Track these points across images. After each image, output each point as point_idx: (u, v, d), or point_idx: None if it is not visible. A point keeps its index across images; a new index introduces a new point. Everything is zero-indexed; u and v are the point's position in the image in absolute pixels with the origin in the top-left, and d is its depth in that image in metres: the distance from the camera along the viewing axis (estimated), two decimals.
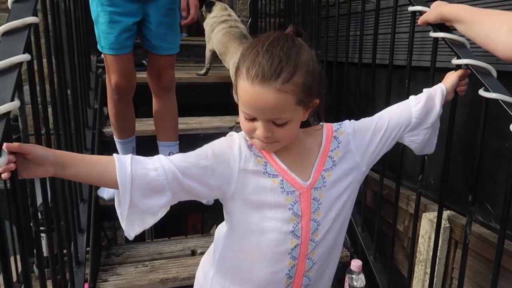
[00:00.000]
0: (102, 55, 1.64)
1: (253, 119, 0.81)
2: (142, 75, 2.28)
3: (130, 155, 0.82)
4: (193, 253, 1.62)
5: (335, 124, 0.96)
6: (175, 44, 1.66)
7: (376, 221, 1.53)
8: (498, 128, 1.02)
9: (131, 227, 0.84)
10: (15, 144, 0.71)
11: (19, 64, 0.77)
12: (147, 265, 1.52)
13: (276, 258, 0.90)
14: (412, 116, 0.98)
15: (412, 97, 1.02)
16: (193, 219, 3.31)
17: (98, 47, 1.58)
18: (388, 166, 1.52)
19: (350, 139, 0.93)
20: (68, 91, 1.54)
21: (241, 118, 0.84)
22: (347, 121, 0.97)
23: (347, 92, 1.85)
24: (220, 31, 2.44)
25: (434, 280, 1.27)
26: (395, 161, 1.37)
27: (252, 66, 0.77)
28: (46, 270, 1.18)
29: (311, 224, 0.90)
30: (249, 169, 0.86)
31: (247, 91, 0.78)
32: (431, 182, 1.55)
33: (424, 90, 1.03)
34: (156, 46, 1.62)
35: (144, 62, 2.55)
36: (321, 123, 0.95)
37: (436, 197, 1.44)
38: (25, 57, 0.78)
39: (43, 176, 0.77)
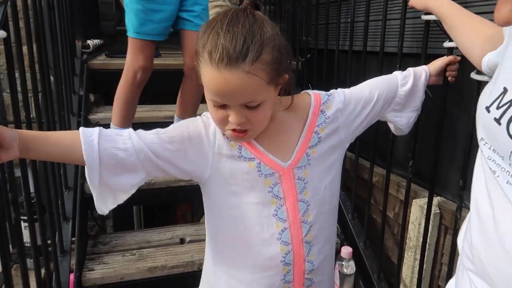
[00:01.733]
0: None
1: (223, 106, 0.75)
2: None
3: (97, 128, 0.77)
4: (182, 241, 1.60)
5: (323, 94, 0.90)
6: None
7: (366, 208, 1.53)
8: None
9: (103, 204, 0.81)
10: None
11: None
12: (135, 254, 1.50)
13: (264, 244, 0.86)
14: (396, 96, 0.96)
15: (398, 75, 0.98)
16: (182, 208, 3.29)
17: (130, 34, 1.61)
18: (379, 153, 1.52)
19: (339, 115, 0.89)
20: (52, 77, 1.50)
21: (210, 107, 0.78)
22: (335, 92, 0.91)
23: (337, 79, 1.83)
24: (210, 15, 2.40)
25: (424, 266, 1.27)
26: (385, 148, 1.36)
27: (215, 50, 0.71)
28: (29, 260, 1.15)
29: (299, 205, 0.86)
30: (223, 153, 0.83)
31: (213, 77, 0.72)
32: (420, 169, 1.55)
33: (410, 69, 1.01)
34: (194, 23, 1.64)
35: None
36: (309, 92, 0.90)
37: (427, 184, 1.44)
38: (1, 33, 0.74)
39: (10, 159, 0.71)
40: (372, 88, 0.94)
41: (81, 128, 0.77)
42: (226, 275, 0.92)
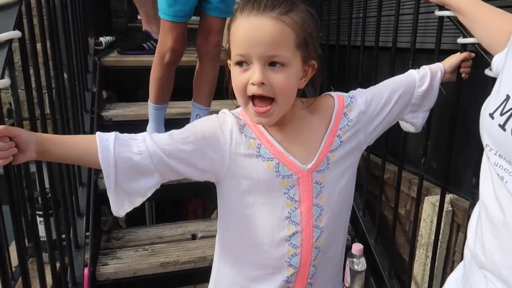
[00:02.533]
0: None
1: (247, 68, 0.74)
2: (141, 58, 2.26)
3: (114, 133, 0.78)
4: (194, 237, 1.62)
5: (346, 96, 0.88)
6: (231, 8, 1.66)
7: (377, 205, 1.52)
8: None
9: (120, 207, 0.82)
10: (1, 126, 0.68)
11: (9, 41, 0.75)
12: (147, 249, 1.52)
13: (273, 244, 0.85)
14: (413, 97, 0.95)
15: (416, 74, 0.97)
16: (194, 204, 3.32)
17: (160, 14, 1.61)
18: (391, 150, 1.50)
19: (361, 118, 0.87)
20: (65, 74, 1.52)
21: (234, 74, 0.77)
22: (358, 94, 0.89)
23: (349, 75, 1.81)
24: None
25: (436, 263, 1.26)
26: (397, 145, 1.35)
27: (247, 4, 0.73)
28: (45, 254, 1.18)
29: (314, 209, 0.85)
30: (241, 153, 0.81)
31: (242, 26, 0.73)
32: (433, 166, 1.53)
33: (426, 68, 0.99)
34: (217, 8, 1.62)
35: (145, 45, 2.52)
36: (332, 94, 0.88)
37: (439, 181, 1.42)
38: (16, 33, 0.76)
39: (26, 160, 0.74)
40: (391, 89, 0.93)
41: (97, 133, 0.78)
42: (231, 272, 0.92)
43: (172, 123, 1.93)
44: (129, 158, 0.77)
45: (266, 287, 0.88)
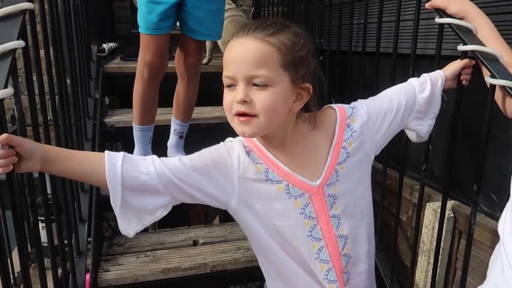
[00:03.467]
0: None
1: (234, 88, 0.76)
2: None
3: (122, 152, 0.79)
4: (195, 243, 1.62)
5: (348, 107, 0.89)
6: (214, 31, 1.63)
7: (379, 211, 1.52)
8: (504, 117, 1.00)
9: (128, 225, 0.80)
10: (3, 135, 0.68)
11: (13, 51, 0.75)
12: (148, 255, 1.52)
13: (305, 267, 0.86)
14: (416, 103, 0.95)
15: (414, 82, 0.98)
16: (196, 209, 3.31)
17: (139, 29, 1.58)
18: (392, 156, 1.50)
19: (365, 128, 0.87)
20: (68, 81, 1.53)
21: (224, 95, 0.79)
22: (358, 104, 0.90)
23: (350, 81, 1.82)
24: (225, 19, 2.41)
25: (438, 270, 1.26)
26: (399, 150, 1.35)
27: (239, 30, 0.77)
28: (47, 260, 1.18)
29: (332, 221, 0.85)
30: (249, 177, 0.82)
31: (230, 46, 0.77)
32: (435, 172, 1.53)
33: (425, 75, 1.00)
34: (193, 30, 1.57)
35: None
36: (333, 106, 0.89)
37: (440, 187, 1.42)
38: (19, 43, 0.77)
39: (30, 171, 0.75)
40: (391, 97, 0.93)
41: (106, 152, 0.78)
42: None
43: (167, 129, 1.95)
44: (137, 177, 0.77)
45: None
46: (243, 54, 0.74)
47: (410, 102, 0.94)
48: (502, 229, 0.68)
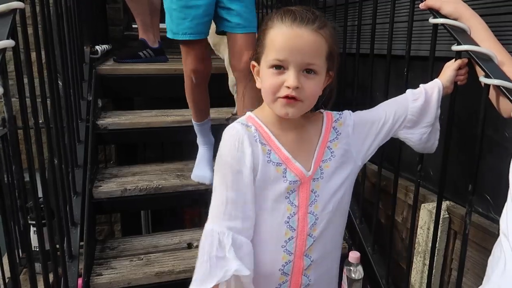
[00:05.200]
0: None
1: (282, 71, 0.80)
2: (137, 67, 2.26)
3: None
4: (189, 246, 1.60)
5: (335, 113, 0.94)
6: (252, 22, 1.61)
7: (374, 212, 1.51)
8: (498, 117, 1.00)
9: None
10: None
11: (3, 50, 0.74)
12: (142, 259, 1.50)
13: (270, 249, 0.87)
14: (408, 113, 0.97)
15: (409, 92, 1.00)
16: (190, 213, 3.30)
17: (169, 35, 1.56)
18: (387, 158, 1.50)
19: (350, 132, 0.91)
20: (60, 83, 1.51)
21: (267, 75, 0.82)
22: (346, 111, 0.95)
23: (344, 83, 1.82)
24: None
25: (433, 271, 1.25)
26: (393, 152, 1.35)
27: (287, 14, 0.81)
28: (38, 265, 1.16)
29: (309, 217, 0.87)
30: (259, 162, 0.85)
31: (284, 33, 0.80)
32: (430, 173, 1.53)
33: (421, 86, 1.01)
34: (233, 23, 1.55)
35: (141, 54, 2.52)
36: (321, 110, 0.93)
37: (436, 188, 1.42)
38: (9, 42, 0.75)
39: None
40: (380, 108, 0.98)
41: None
42: None
43: (169, 131, 1.94)
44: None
45: None
46: (302, 44, 0.79)
47: (400, 112, 0.97)
48: (505, 226, 0.68)
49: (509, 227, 0.68)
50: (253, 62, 0.89)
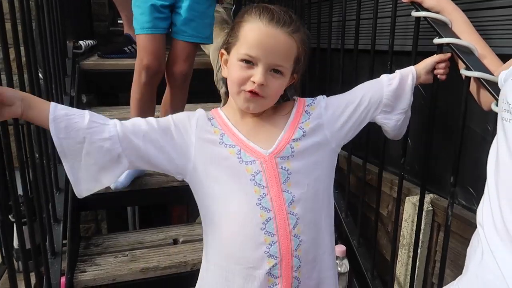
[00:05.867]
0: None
1: (251, 66, 0.82)
2: (121, 62, 2.23)
3: (87, 112, 0.82)
4: (175, 241, 1.59)
5: (309, 99, 0.95)
6: (201, 34, 1.61)
7: (359, 206, 1.52)
8: (481, 111, 1.01)
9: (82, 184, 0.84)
10: None
11: None
12: (127, 255, 1.48)
13: (248, 233, 0.85)
14: (383, 96, 0.98)
15: (384, 76, 1.01)
16: (178, 210, 3.28)
17: (135, 31, 1.57)
18: (372, 151, 1.51)
19: (322, 113, 0.93)
20: (41, 77, 1.48)
21: (235, 67, 0.84)
22: (320, 96, 0.96)
23: (330, 78, 1.82)
24: None
25: (417, 263, 1.27)
26: (378, 146, 1.36)
27: (265, 12, 0.83)
28: (19, 262, 1.14)
29: (285, 195, 0.86)
30: (205, 138, 0.87)
31: (260, 30, 0.82)
32: (414, 167, 1.55)
33: (397, 71, 1.02)
34: (179, 30, 1.58)
35: (126, 49, 2.48)
36: (294, 97, 0.95)
37: (420, 181, 1.44)
38: None
39: (12, 117, 0.79)
40: (355, 91, 0.99)
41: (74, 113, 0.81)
42: (217, 267, 0.92)
43: None
44: (100, 146, 0.81)
45: (252, 284, 0.87)
46: (275, 44, 0.82)
47: (376, 96, 0.97)
48: (481, 217, 0.69)
49: (484, 219, 0.69)
50: (223, 51, 0.90)
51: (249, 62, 0.82)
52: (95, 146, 0.80)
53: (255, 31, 0.82)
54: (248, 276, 0.87)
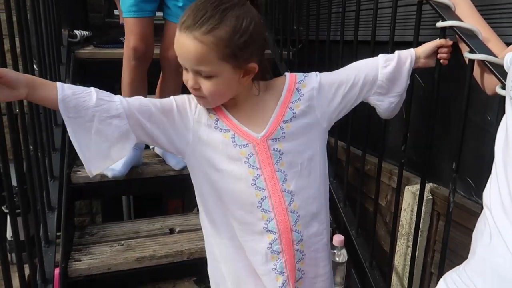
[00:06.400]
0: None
1: (187, 70, 0.83)
2: (118, 51, 2.19)
3: (93, 90, 0.82)
4: (171, 231, 1.57)
5: (300, 74, 0.94)
6: None
7: (358, 196, 1.51)
8: (480, 101, 1.00)
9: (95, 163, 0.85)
10: None
11: None
12: (122, 244, 1.46)
13: (246, 210, 0.89)
14: (378, 78, 0.96)
15: (381, 57, 0.99)
16: (173, 203, 3.25)
17: (123, 15, 1.56)
18: (371, 142, 1.49)
19: (314, 94, 0.92)
20: (35, 66, 1.45)
21: (184, 71, 0.85)
22: (313, 73, 0.94)
23: (329, 69, 1.80)
24: None
25: (416, 253, 1.26)
26: (378, 136, 1.34)
27: (186, 13, 0.81)
28: (12, 254, 1.11)
29: (278, 175, 0.89)
30: (202, 121, 0.88)
31: (176, 38, 0.82)
32: (413, 158, 1.54)
33: (396, 52, 1.00)
34: (173, 13, 1.57)
35: (122, 39, 2.45)
36: (286, 73, 0.94)
37: (419, 172, 1.43)
38: None
39: (16, 99, 0.79)
40: (349, 70, 0.97)
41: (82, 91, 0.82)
42: (223, 245, 0.96)
43: None
44: (109, 123, 0.82)
45: (256, 257, 0.92)
46: (183, 52, 0.80)
47: (370, 76, 0.96)
48: (488, 199, 0.67)
49: (491, 200, 0.67)
50: None
51: (185, 67, 0.84)
52: (105, 124, 0.81)
53: (175, 40, 0.82)
54: (252, 250, 0.92)
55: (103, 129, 0.81)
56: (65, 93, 0.78)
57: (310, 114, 0.91)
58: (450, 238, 1.17)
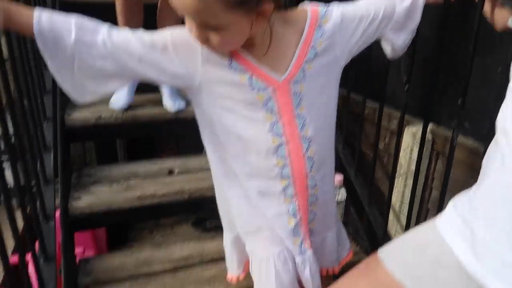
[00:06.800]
0: None
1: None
2: None
3: (73, 24, 0.72)
4: (171, 172, 1.57)
5: (321, 8, 0.86)
6: None
7: (357, 140, 1.50)
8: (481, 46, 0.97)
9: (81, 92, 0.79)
10: None
11: None
12: (122, 184, 1.46)
13: (261, 156, 0.86)
14: (395, 13, 0.92)
15: None
16: (168, 148, 3.24)
17: None
18: (370, 87, 1.46)
19: (336, 30, 0.85)
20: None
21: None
22: (334, 6, 0.87)
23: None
24: None
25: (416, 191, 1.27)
26: (379, 79, 1.31)
27: None
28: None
29: (297, 120, 0.85)
30: (212, 60, 0.79)
31: None
32: (413, 101, 1.51)
33: None
34: None
35: None
36: (306, 8, 0.86)
37: (418, 115, 1.42)
38: None
39: None
40: (369, 4, 0.91)
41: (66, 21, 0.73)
42: (236, 187, 0.93)
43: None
44: (93, 62, 0.75)
45: (269, 200, 0.90)
46: (184, 9, 0.71)
47: (388, 12, 0.91)
48: (503, 122, 0.66)
49: (507, 123, 0.66)
50: None
51: None
52: (87, 64, 0.75)
53: None
54: (266, 195, 0.90)
55: (84, 68, 0.75)
56: (43, 26, 0.71)
57: (330, 52, 0.86)
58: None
